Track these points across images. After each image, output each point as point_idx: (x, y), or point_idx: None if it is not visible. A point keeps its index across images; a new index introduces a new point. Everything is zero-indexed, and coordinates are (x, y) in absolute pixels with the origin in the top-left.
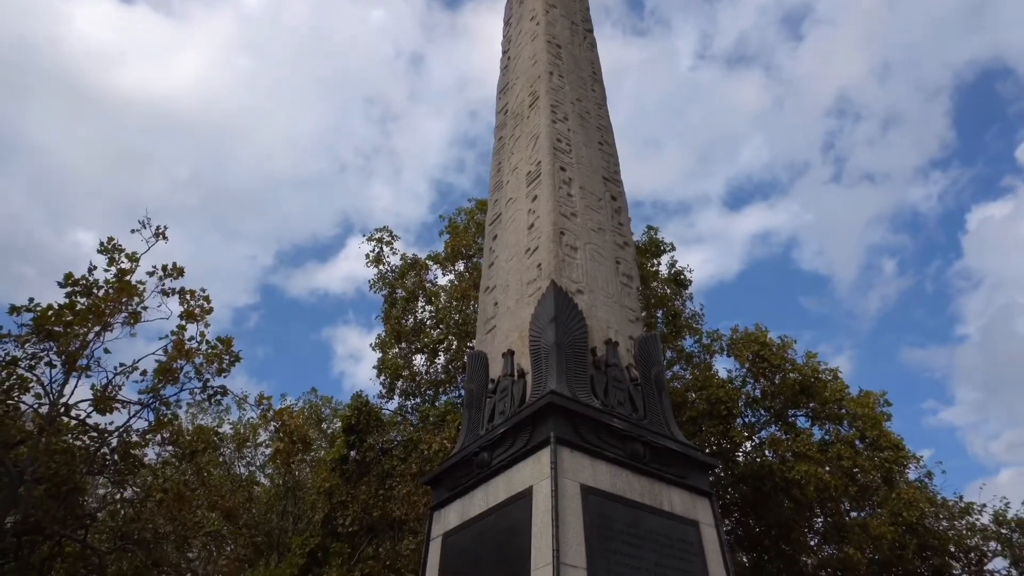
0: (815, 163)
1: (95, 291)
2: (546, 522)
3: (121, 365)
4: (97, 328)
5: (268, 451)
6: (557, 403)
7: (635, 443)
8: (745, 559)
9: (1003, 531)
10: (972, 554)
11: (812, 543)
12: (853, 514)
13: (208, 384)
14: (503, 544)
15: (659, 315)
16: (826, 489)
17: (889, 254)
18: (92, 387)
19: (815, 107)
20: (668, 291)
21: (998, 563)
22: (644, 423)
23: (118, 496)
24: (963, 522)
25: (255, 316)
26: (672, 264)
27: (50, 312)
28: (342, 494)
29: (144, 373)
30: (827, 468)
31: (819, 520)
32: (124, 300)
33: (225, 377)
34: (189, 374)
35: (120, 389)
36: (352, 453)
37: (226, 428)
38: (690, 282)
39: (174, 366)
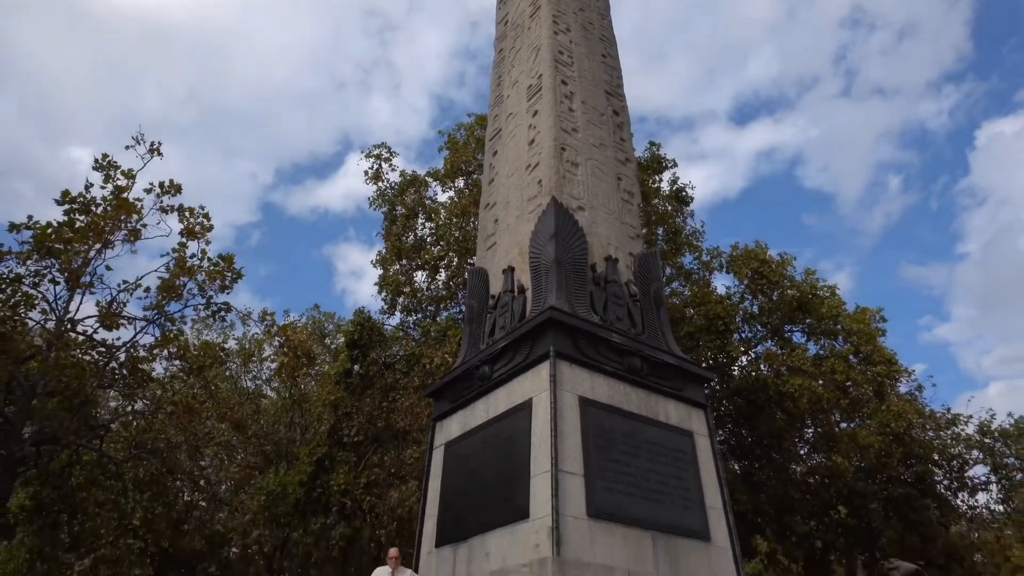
0: (825, 76)
1: (93, 208)
2: (545, 432)
3: (124, 283)
4: (98, 246)
5: (274, 366)
6: (556, 318)
7: (633, 357)
8: (737, 467)
9: (987, 440)
10: (955, 462)
11: (802, 452)
12: (843, 425)
13: (211, 300)
14: (503, 452)
15: (659, 232)
16: (818, 401)
17: (895, 171)
18: (97, 304)
19: (829, 17)
20: (669, 208)
21: (979, 470)
22: (642, 338)
23: (129, 408)
24: (948, 432)
25: (256, 234)
26: (674, 181)
27: (50, 230)
28: (347, 406)
29: (148, 290)
30: (820, 382)
31: (810, 431)
32: (123, 217)
33: (228, 294)
34: (192, 291)
35: (125, 306)
36: (356, 367)
37: (231, 344)
38: (691, 199)
39: (177, 283)
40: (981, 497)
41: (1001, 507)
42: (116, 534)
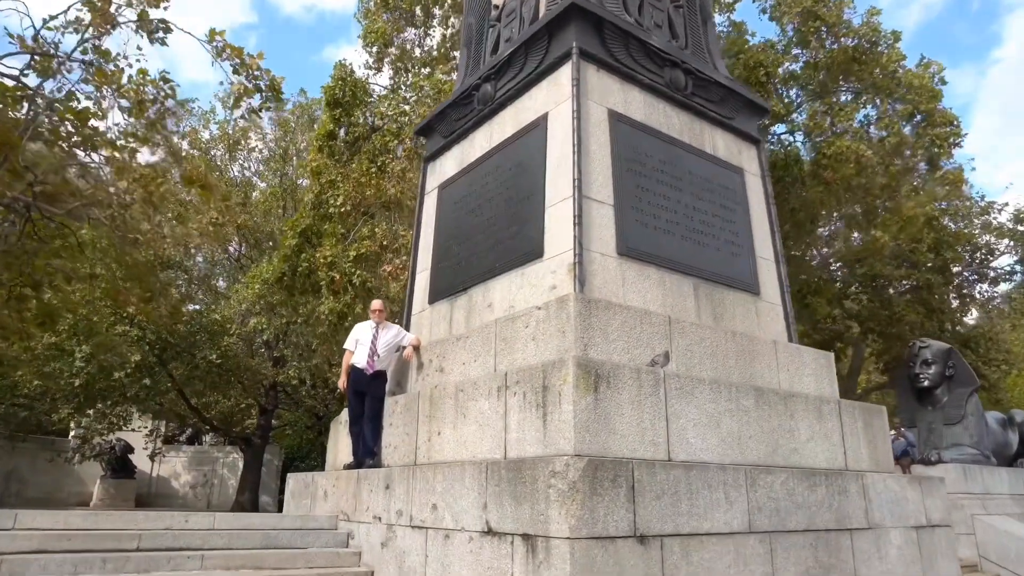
0: None
1: None
2: (565, 151)
3: (50, 16)
4: None
5: (263, 153)
6: (581, 4)
7: (676, 69)
8: None
9: (1020, 228)
10: (981, 252)
11: (837, 227)
12: (887, 203)
13: (147, 18)
14: (508, 186)
15: None
16: (865, 167)
17: None
18: (17, 40)
19: None
20: None
21: (1004, 260)
22: (685, 53)
23: (74, 166)
24: (979, 221)
25: (253, 36)
26: None
27: None
28: (332, 173)
29: (77, 23)
30: (867, 145)
31: (846, 210)
32: None
33: (166, 9)
34: (122, 9)
35: (56, 47)
36: (341, 132)
37: (213, 129)
38: None
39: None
40: (1003, 287)
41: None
42: (111, 321)
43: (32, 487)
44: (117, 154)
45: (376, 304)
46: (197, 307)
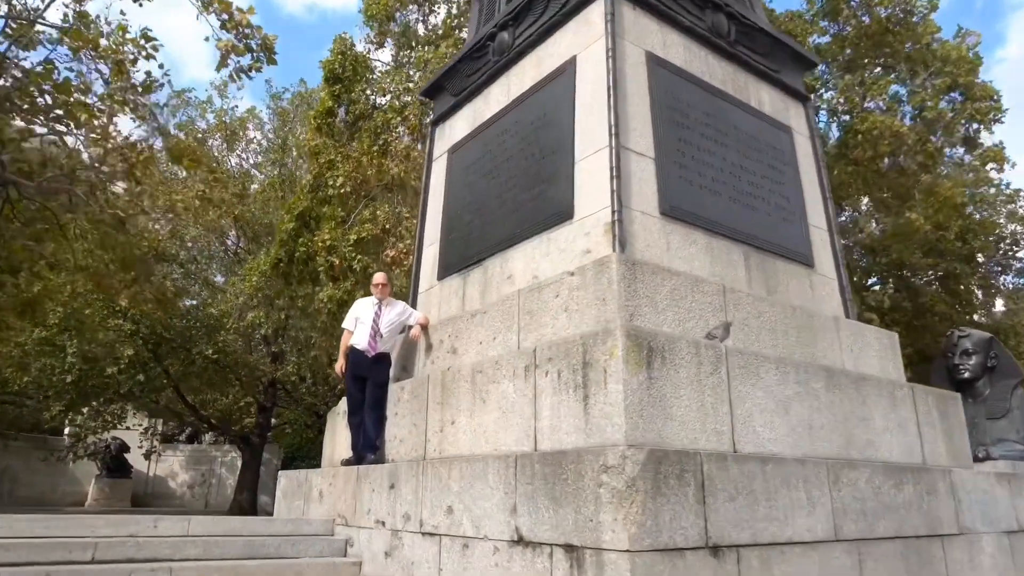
0: None
1: None
2: (598, 97)
3: None
4: None
5: (263, 144)
6: None
7: (718, 13)
8: None
9: None
10: (1006, 242)
11: (859, 212)
12: (919, 184)
13: None
14: (530, 142)
15: None
16: (901, 145)
17: None
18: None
19: None
20: None
21: None
22: None
23: (47, 134)
24: (1005, 210)
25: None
26: None
27: None
28: (331, 153)
29: None
30: (901, 119)
31: (875, 192)
32: None
33: None
34: None
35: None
36: (341, 111)
37: (210, 118)
38: None
39: None
40: None
41: None
42: (103, 315)
43: (25, 487)
44: (95, 120)
45: (378, 277)
46: (194, 302)
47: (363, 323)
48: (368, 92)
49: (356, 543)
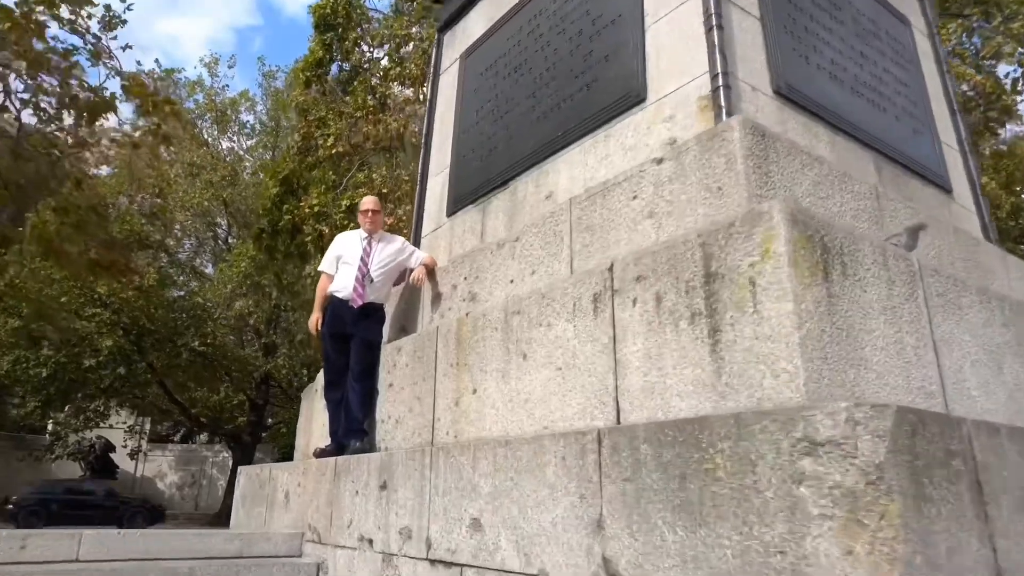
0: None
1: None
2: None
3: None
4: None
5: (256, 128)
6: None
7: None
8: None
9: None
10: None
11: None
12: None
13: None
14: (573, 19)
15: None
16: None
17: None
18: None
19: None
20: None
21: None
22: None
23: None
24: None
25: (258, 38)
26: None
27: None
28: (321, 110)
29: None
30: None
31: None
32: None
33: None
34: None
35: None
36: (334, 69)
37: (199, 98)
38: None
39: None
40: None
41: None
42: (80, 303)
43: (3, 488)
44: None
45: (368, 202)
46: (181, 293)
47: (348, 264)
48: (363, 44)
49: (331, 569)
